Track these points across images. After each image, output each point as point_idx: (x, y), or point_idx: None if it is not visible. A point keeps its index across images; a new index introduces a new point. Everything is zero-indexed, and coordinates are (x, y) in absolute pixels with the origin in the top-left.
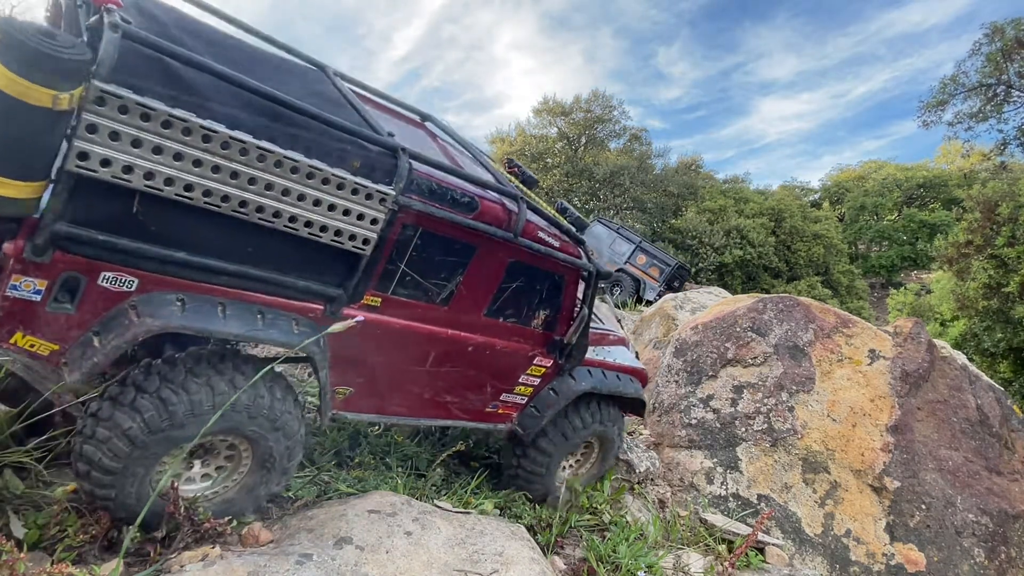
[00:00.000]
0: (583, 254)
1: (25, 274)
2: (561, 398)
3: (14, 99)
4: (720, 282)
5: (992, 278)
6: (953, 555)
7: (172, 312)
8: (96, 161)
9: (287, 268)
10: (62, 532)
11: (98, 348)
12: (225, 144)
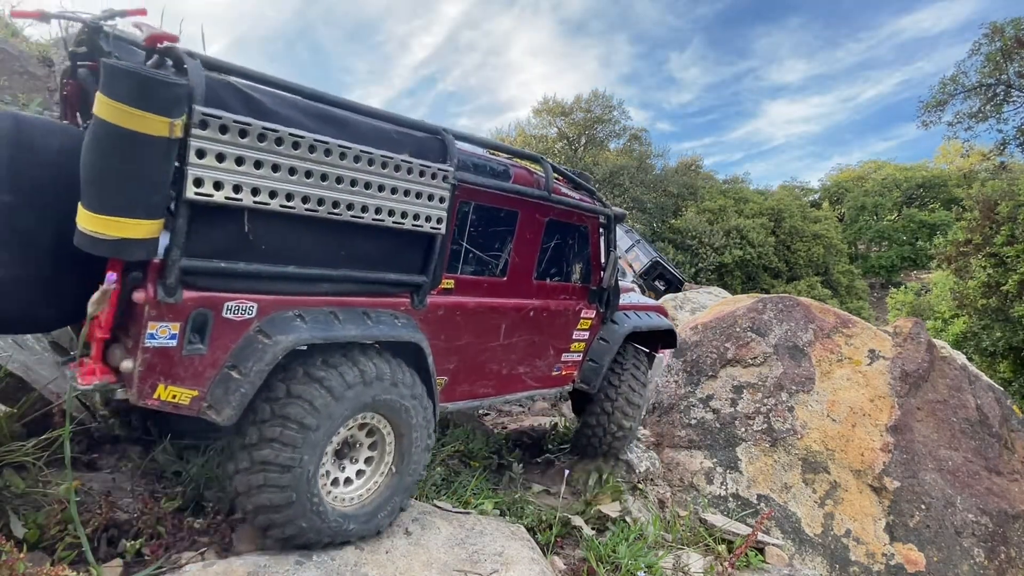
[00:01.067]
0: (602, 201)
1: (160, 320)
2: (612, 344)
3: (132, 131)
4: (720, 282)
5: (991, 277)
6: (953, 555)
7: (298, 327)
8: (210, 185)
9: (378, 265)
10: (62, 532)
11: (241, 379)
12: (312, 147)
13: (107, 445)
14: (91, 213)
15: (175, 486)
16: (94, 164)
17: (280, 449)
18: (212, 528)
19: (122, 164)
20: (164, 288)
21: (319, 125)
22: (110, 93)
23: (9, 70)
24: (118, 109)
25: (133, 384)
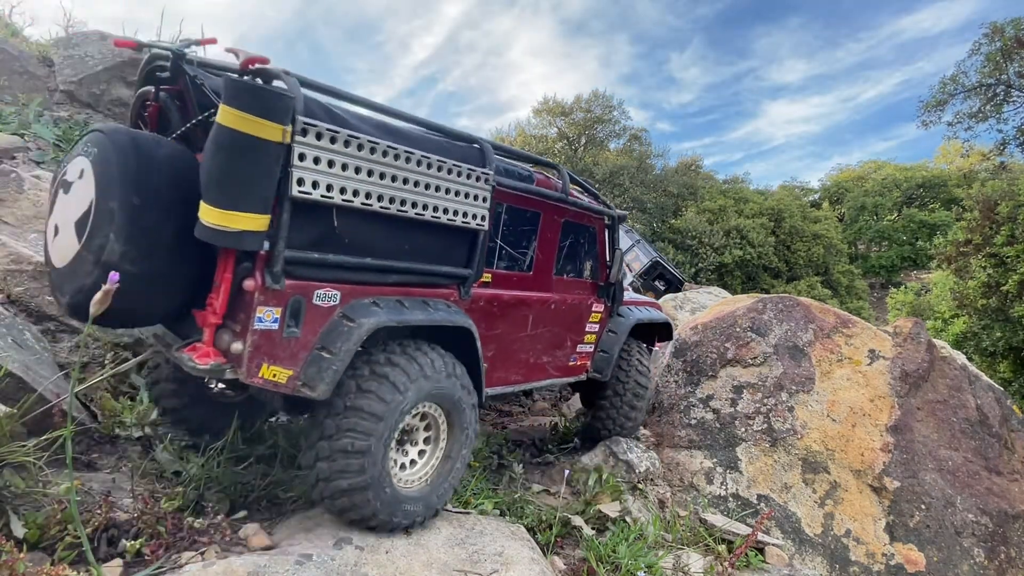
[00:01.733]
0: (606, 203)
1: (266, 304)
2: (620, 335)
3: (254, 137)
4: (720, 282)
5: (991, 277)
6: (953, 555)
7: (376, 312)
8: (309, 184)
9: (433, 258)
10: (62, 532)
11: (332, 358)
12: (385, 152)
13: (107, 445)
14: (215, 208)
15: (175, 486)
16: (219, 165)
17: (364, 418)
18: (212, 528)
19: (243, 165)
20: (271, 276)
21: (382, 134)
22: (234, 104)
23: (9, 70)
24: (241, 117)
25: (243, 364)
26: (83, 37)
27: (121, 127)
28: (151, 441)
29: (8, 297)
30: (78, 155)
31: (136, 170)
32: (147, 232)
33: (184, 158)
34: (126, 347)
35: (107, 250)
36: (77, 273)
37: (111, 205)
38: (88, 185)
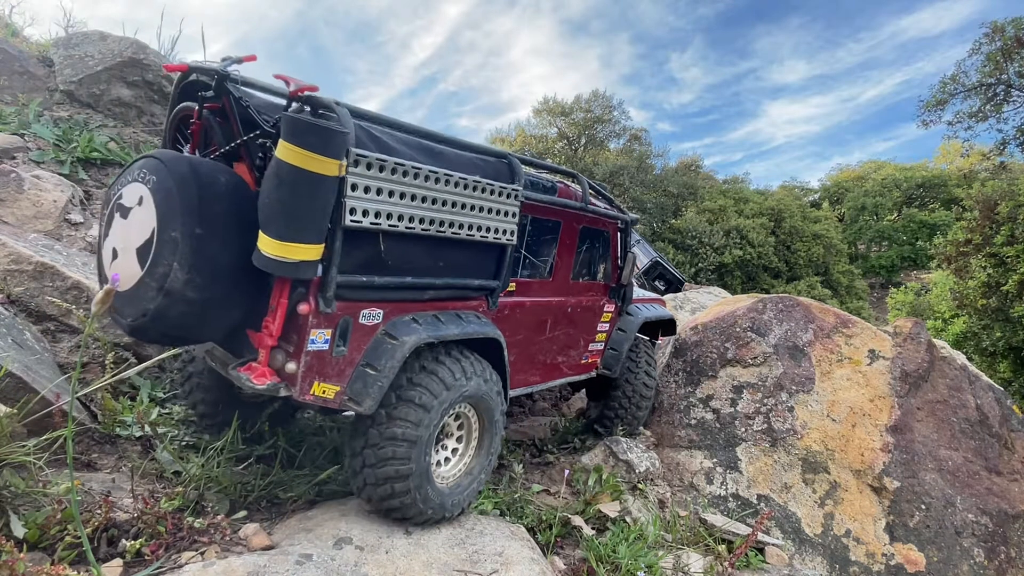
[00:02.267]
0: (620, 208)
1: (319, 327)
2: (629, 333)
3: (312, 173)
4: (720, 282)
5: (991, 277)
6: (953, 555)
7: (416, 329)
8: (360, 213)
9: (465, 273)
10: (62, 532)
11: (377, 375)
12: (427, 176)
13: (107, 445)
14: (274, 240)
15: (175, 486)
16: (279, 199)
17: (405, 425)
18: (212, 528)
19: (302, 199)
20: (324, 300)
21: (421, 156)
22: (294, 140)
23: (9, 70)
24: (301, 154)
25: (296, 383)
26: (83, 37)
27: (182, 156)
28: (151, 441)
29: (8, 297)
30: (133, 181)
31: (198, 200)
32: (209, 260)
33: (240, 185)
34: (126, 347)
35: (170, 278)
36: (140, 298)
37: (174, 235)
38: (149, 213)
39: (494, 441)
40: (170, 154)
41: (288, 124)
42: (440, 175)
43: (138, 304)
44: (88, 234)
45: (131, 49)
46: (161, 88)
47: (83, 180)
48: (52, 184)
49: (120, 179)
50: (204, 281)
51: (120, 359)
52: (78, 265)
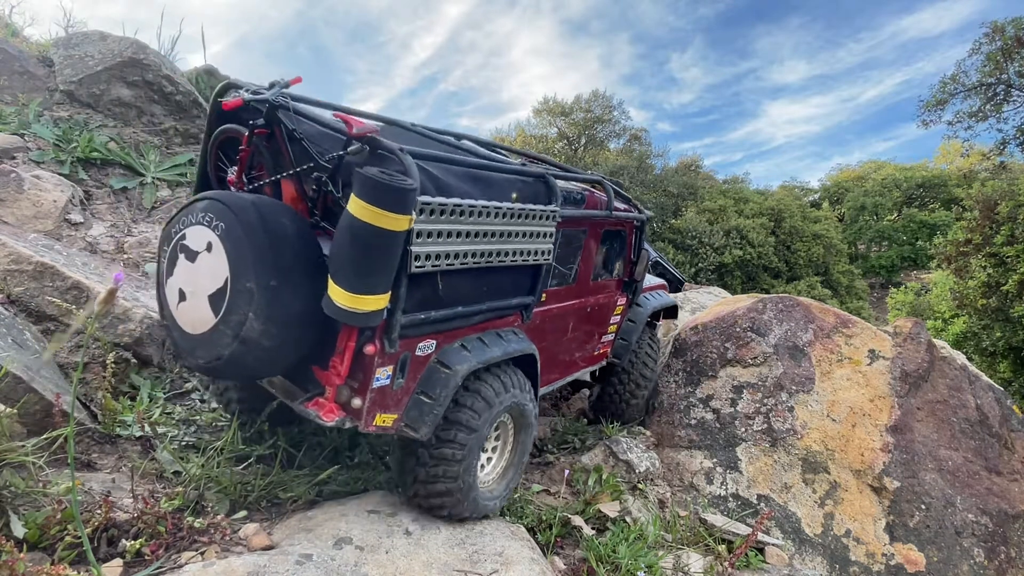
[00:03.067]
0: (637, 207)
1: (383, 365)
2: (639, 324)
3: (389, 231)
4: (720, 282)
5: (991, 277)
6: (953, 555)
7: (467, 356)
8: (424, 258)
9: (507, 294)
10: (62, 532)
11: (432, 403)
12: (480, 212)
13: (107, 445)
14: (346, 291)
15: (175, 486)
16: (351, 254)
17: (453, 447)
18: (212, 528)
19: (374, 254)
20: (388, 341)
21: (471, 185)
22: (368, 199)
23: (9, 70)
24: (374, 212)
25: (361, 417)
26: (83, 37)
27: (243, 199)
28: (151, 441)
29: (8, 297)
30: (198, 223)
31: (270, 251)
32: (282, 309)
33: (304, 228)
34: (126, 347)
35: (246, 327)
36: (215, 343)
37: (248, 286)
38: (220, 261)
39: (527, 442)
40: (234, 198)
41: (362, 183)
42: (491, 208)
43: (213, 349)
44: (88, 234)
45: (131, 49)
46: (161, 88)
47: (83, 180)
48: (52, 184)
49: (181, 217)
50: (278, 329)
51: (120, 359)
52: (78, 265)
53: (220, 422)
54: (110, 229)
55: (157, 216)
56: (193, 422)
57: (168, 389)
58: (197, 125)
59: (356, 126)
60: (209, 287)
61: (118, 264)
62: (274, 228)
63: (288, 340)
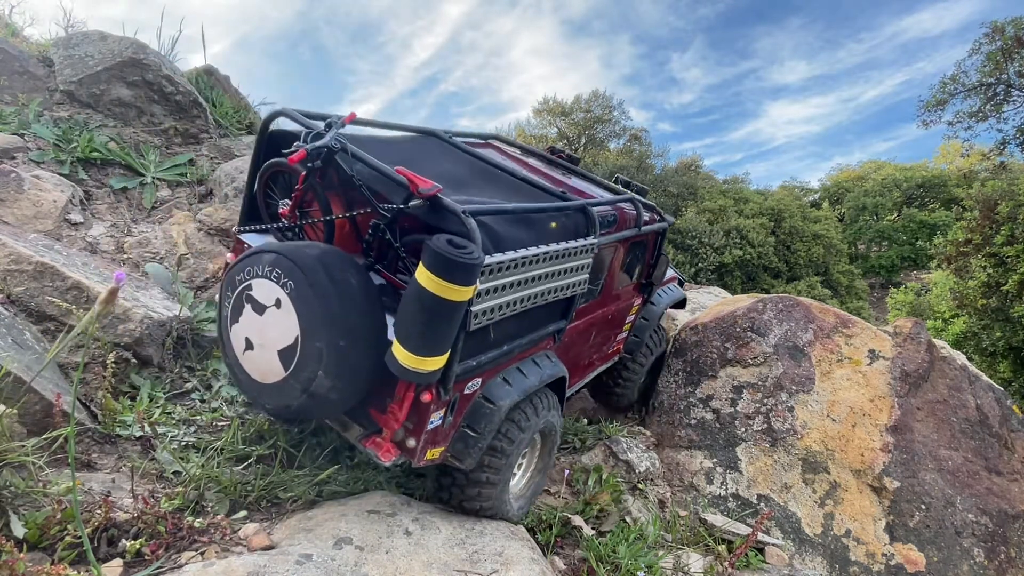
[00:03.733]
0: (660, 214)
1: (438, 410)
2: (652, 322)
3: (454, 302)
4: (720, 282)
5: (991, 277)
6: (953, 555)
7: (509, 391)
8: (480, 315)
9: (544, 323)
10: (62, 532)
11: (478, 437)
12: (529, 261)
13: (107, 445)
14: (410, 353)
15: (175, 486)
16: (418, 320)
17: (489, 472)
18: (212, 528)
19: (439, 322)
20: (444, 390)
21: (521, 229)
22: (437, 273)
23: (9, 70)
24: (442, 285)
25: (416, 455)
26: (83, 37)
27: (310, 256)
28: (151, 441)
29: (8, 297)
30: (265, 277)
31: (340, 314)
32: (350, 367)
33: (368, 283)
34: (126, 347)
35: (316, 383)
36: (284, 395)
37: (318, 346)
38: (289, 318)
39: (552, 451)
40: (301, 255)
41: (432, 257)
42: (539, 254)
43: (281, 399)
44: (88, 234)
45: (131, 49)
46: (161, 88)
47: (83, 180)
48: (52, 184)
49: (246, 267)
50: (344, 384)
51: (120, 359)
52: (78, 265)
53: (220, 422)
54: (110, 229)
55: (157, 216)
56: (193, 422)
57: (168, 389)
58: (197, 125)
59: (420, 184)
60: (279, 343)
61: (118, 264)
62: (342, 289)
63: (353, 391)
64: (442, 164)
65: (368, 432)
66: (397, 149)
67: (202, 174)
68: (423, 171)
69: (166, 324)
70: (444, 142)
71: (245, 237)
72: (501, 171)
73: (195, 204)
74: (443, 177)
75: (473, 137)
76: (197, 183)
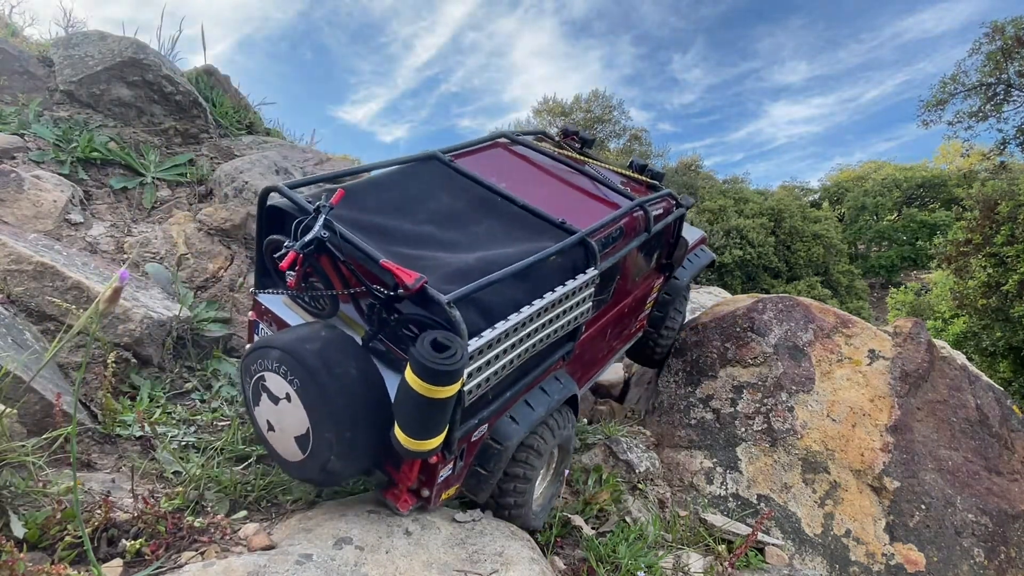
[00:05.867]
0: (675, 200)
1: (446, 465)
2: (674, 297)
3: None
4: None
5: (991, 276)
6: (953, 555)
7: (516, 429)
8: (475, 386)
9: (549, 355)
10: (62, 532)
11: (488, 474)
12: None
13: (107, 445)
14: (408, 437)
15: (175, 486)
16: (411, 413)
17: (514, 495)
18: (212, 528)
19: (434, 415)
20: (449, 452)
21: (516, 285)
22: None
23: (9, 70)
24: (431, 389)
25: (431, 501)
26: (83, 37)
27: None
28: (151, 441)
29: (8, 297)
30: (274, 372)
31: (344, 408)
32: (359, 448)
33: (369, 366)
34: (126, 347)
35: (331, 465)
36: (306, 470)
37: (328, 436)
38: (300, 412)
39: (568, 458)
40: (303, 351)
41: (419, 368)
42: (537, 309)
43: (305, 473)
44: (88, 234)
45: (131, 49)
46: (161, 88)
47: (83, 180)
48: (52, 184)
49: (258, 358)
50: (357, 461)
51: (121, 359)
52: (78, 265)
53: (220, 422)
54: (110, 229)
55: (157, 216)
56: (193, 422)
57: (168, 389)
58: (197, 125)
59: (406, 279)
60: (294, 431)
61: (118, 264)
62: (345, 383)
63: (367, 462)
64: (440, 198)
65: (386, 484)
66: (393, 189)
67: (202, 174)
68: (420, 212)
69: (166, 324)
70: (444, 164)
71: (262, 298)
72: (500, 197)
73: (195, 204)
74: (440, 215)
75: (479, 143)
76: (197, 183)
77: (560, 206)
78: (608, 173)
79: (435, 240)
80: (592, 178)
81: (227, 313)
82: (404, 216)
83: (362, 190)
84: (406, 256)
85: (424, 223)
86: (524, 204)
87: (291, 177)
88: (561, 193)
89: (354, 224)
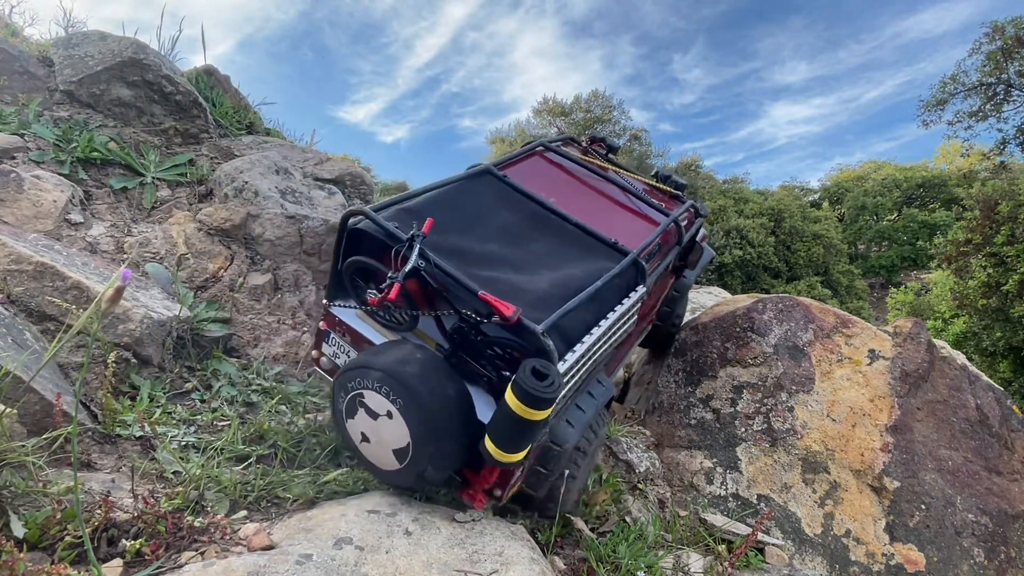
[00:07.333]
0: (696, 210)
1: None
2: (683, 294)
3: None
4: (720, 282)
5: (991, 276)
6: (953, 555)
7: (571, 433)
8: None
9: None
10: (62, 532)
11: (548, 473)
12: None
13: (107, 445)
14: (499, 450)
15: (175, 486)
16: (506, 430)
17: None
18: (212, 528)
19: (525, 433)
20: (526, 459)
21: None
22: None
23: (9, 70)
24: (528, 411)
25: (501, 499)
26: (83, 37)
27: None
28: (151, 441)
29: (8, 297)
30: (375, 391)
31: (443, 424)
32: (453, 458)
33: (461, 388)
34: (126, 347)
35: (427, 473)
36: (401, 477)
37: (428, 450)
38: (401, 428)
39: (597, 453)
40: (406, 374)
41: (522, 393)
42: (603, 335)
43: (398, 480)
44: (88, 234)
45: (131, 49)
46: (161, 88)
47: (83, 180)
48: (52, 184)
49: (356, 376)
50: (448, 468)
51: (120, 359)
52: (78, 265)
53: (220, 422)
54: (110, 229)
55: (157, 216)
56: (193, 422)
57: (168, 389)
58: (197, 125)
59: (504, 311)
60: (393, 444)
61: (118, 264)
62: (443, 403)
63: (455, 468)
64: (501, 214)
65: (463, 484)
66: (455, 208)
67: (202, 174)
68: (483, 229)
69: (166, 324)
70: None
71: (335, 310)
72: (552, 214)
73: (195, 204)
74: (500, 231)
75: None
76: (197, 183)
77: (603, 221)
78: (634, 182)
79: (501, 260)
80: (624, 189)
81: (227, 313)
82: (471, 235)
83: (428, 210)
84: (484, 279)
85: (488, 241)
86: (577, 222)
87: (292, 177)
88: (602, 207)
89: (434, 247)
